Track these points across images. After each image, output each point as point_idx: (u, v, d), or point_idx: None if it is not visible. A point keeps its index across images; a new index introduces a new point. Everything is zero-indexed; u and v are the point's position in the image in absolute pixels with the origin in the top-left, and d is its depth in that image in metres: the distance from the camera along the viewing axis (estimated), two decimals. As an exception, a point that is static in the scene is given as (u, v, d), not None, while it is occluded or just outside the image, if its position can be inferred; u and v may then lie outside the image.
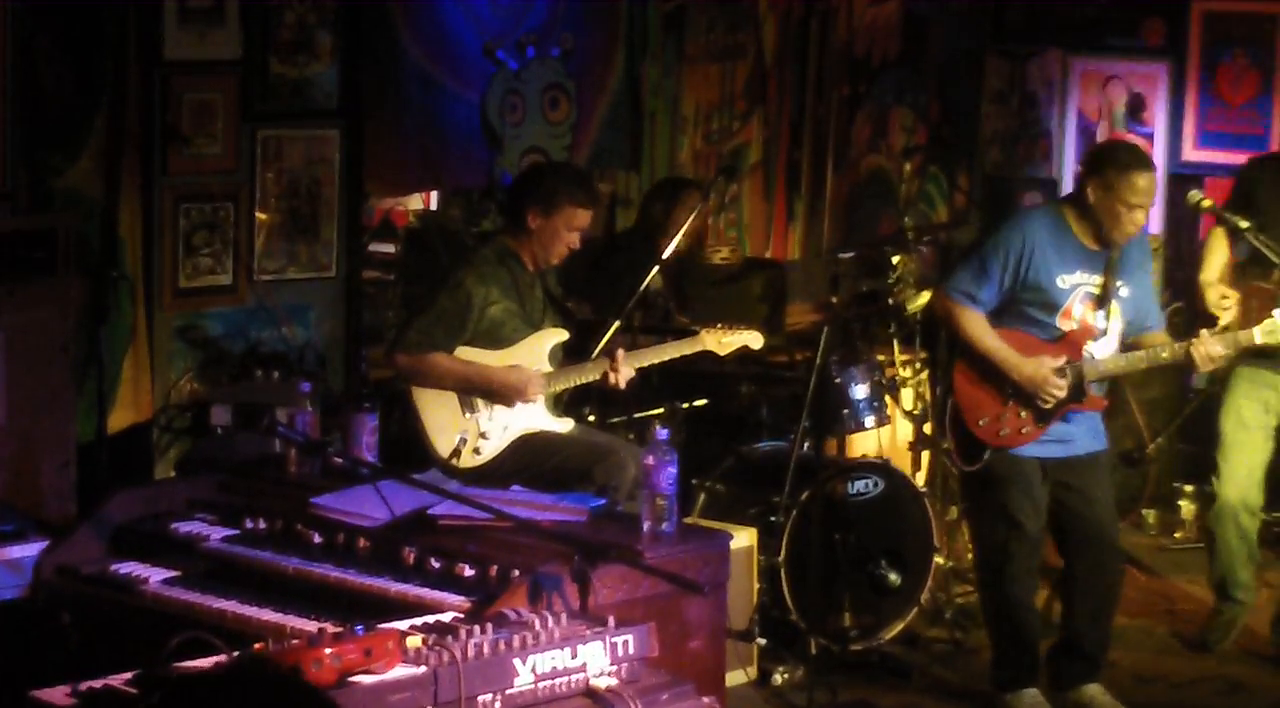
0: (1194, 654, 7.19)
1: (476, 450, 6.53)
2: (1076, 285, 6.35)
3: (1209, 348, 6.32)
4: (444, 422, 6.53)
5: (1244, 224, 6.57)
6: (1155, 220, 9.43)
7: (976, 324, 6.38)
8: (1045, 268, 6.31)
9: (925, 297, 7.59)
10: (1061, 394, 6.31)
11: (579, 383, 6.73)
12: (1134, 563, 7.85)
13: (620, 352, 6.70)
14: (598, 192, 7.65)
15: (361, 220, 8.17)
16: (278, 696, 3.34)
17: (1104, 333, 6.39)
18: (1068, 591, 6.59)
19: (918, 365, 7.95)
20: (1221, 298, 6.82)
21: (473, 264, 6.67)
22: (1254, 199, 6.90)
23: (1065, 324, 6.36)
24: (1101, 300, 6.36)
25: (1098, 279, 6.36)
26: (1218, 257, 7.03)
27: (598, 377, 6.66)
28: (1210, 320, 6.78)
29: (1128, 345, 6.45)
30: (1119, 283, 6.38)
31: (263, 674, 3.45)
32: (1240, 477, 7.06)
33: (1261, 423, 7.03)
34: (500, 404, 6.56)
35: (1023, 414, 6.37)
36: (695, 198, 8.01)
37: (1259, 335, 6.41)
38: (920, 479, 7.65)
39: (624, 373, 6.63)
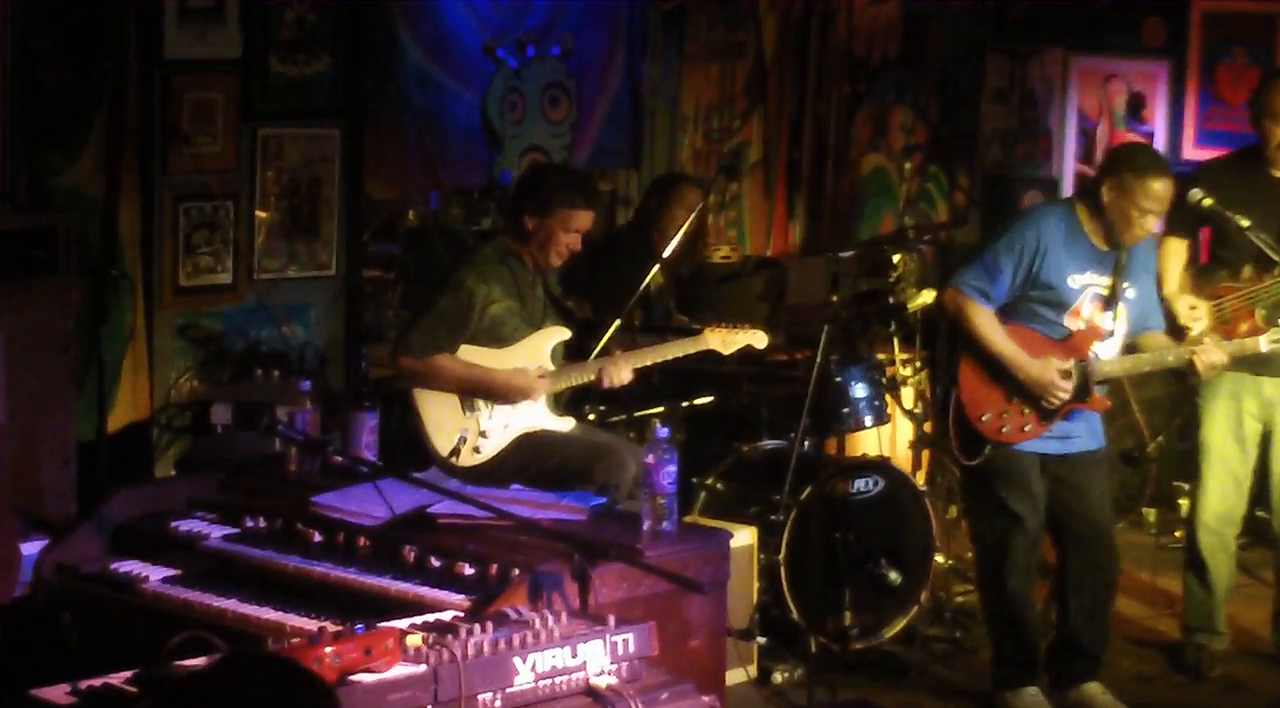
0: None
1: (477, 449, 6.53)
2: (1086, 286, 6.34)
3: (1211, 356, 6.31)
4: (444, 420, 6.53)
5: (1245, 222, 6.55)
6: (1154, 221, 9.43)
7: (986, 321, 6.36)
8: (1057, 267, 6.30)
9: (925, 296, 7.58)
10: (1066, 397, 6.31)
11: (579, 383, 6.73)
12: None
13: (618, 352, 6.70)
14: (596, 193, 7.63)
15: (361, 219, 8.17)
16: (278, 684, 3.33)
17: (1110, 334, 6.38)
18: (1064, 588, 6.57)
19: (918, 364, 7.94)
20: (1190, 308, 6.68)
21: (473, 263, 6.66)
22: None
23: (1073, 323, 6.35)
24: (1109, 302, 6.35)
25: (1107, 280, 6.34)
26: (1175, 267, 6.89)
27: (595, 377, 6.65)
28: (1182, 332, 6.68)
29: (1129, 347, 6.44)
30: (1126, 284, 6.37)
31: (262, 664, 3.44)
32: (1228, 489, 6.91)
33: (1252, 431, 6.88)
34: (504, 404, 6.56)
35: (1026, 412, 6.36)
36: (692, 195, 7.99)
37: (1264, 344, 6.39)
38: (920, 479, 7.64)
39: (619, 374, 6.61)
